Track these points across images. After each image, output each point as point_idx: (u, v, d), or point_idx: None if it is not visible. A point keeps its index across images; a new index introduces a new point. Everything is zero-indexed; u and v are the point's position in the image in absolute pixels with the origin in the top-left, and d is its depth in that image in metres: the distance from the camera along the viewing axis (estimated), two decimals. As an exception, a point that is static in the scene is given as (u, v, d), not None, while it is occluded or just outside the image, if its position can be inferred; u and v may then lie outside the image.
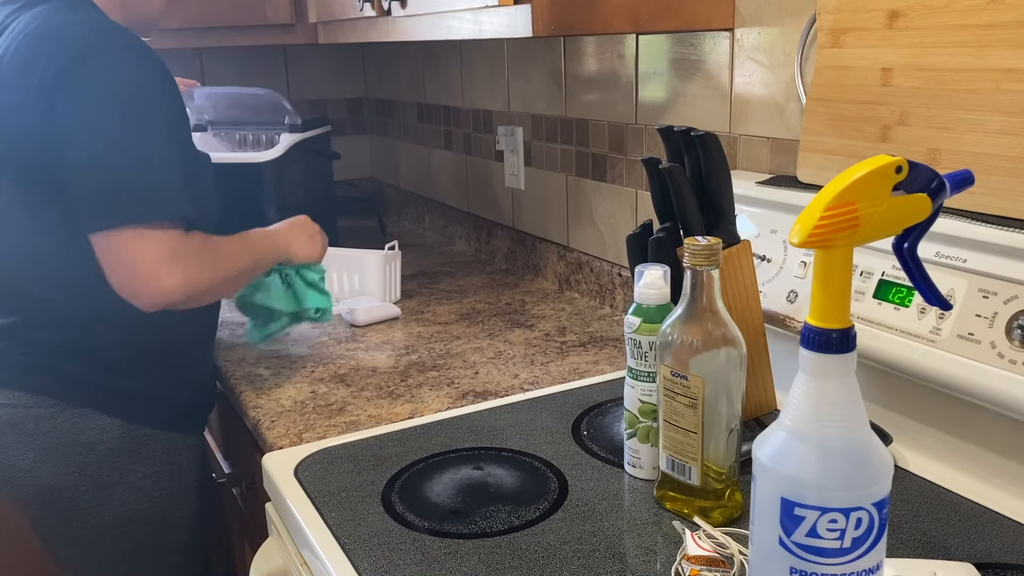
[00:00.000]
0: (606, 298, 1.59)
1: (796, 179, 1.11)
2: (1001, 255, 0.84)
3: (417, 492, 0.92)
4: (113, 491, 1.27)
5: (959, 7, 0.90)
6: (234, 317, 1.62)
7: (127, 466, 1.27)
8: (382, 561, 0.80)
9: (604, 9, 1.13)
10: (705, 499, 0.83)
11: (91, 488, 1.26)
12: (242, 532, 1.54)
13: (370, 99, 2.62)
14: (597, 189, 1.60)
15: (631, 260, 0.96)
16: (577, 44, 1.60)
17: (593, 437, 1.04)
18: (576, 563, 0.79)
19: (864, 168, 0.57)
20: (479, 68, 1.96)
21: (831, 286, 0.56)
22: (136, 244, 1.12)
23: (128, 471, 1.27)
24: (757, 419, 1.00)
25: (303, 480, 0.96)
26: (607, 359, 1.35)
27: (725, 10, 1.23)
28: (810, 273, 1.02)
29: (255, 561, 1.03)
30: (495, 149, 1.93)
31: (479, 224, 2.05)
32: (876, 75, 0.99)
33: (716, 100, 1.30)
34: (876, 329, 0.94)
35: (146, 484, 1.28)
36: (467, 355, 1.38)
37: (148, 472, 1.29)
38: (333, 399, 1.23)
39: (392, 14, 1.39)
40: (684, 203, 0.90)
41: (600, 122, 1.57)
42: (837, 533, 0.56)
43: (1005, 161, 0.88)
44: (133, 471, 1.27)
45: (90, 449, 1.25)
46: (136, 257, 1.12)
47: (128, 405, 1.27)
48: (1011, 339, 0.82)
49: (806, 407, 0.57)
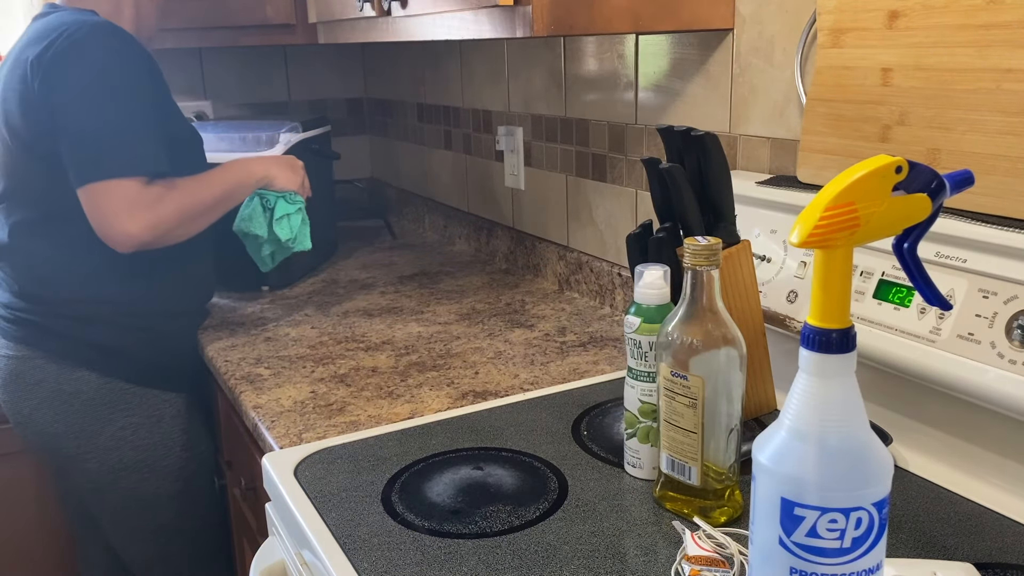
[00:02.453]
0: (606, 298, 1.59)
1: (796, 179, 1.11)
2: (1001, 255, 0.84)
3: (417, 492, 0.92)
4: (97, 439, 1.44)
5: (959, 7, 0.90)
6: (235, 317, 1.62)
7: (107, 416, 1.44)
8: (382, 561, 0.80)
9: (604, 9, 1.13)
10: (705, 499, 0.83)
11: (78, 436, 1.44)
12: (242, 532, 1.54)
13: (370, 99, 2.62)
14: (597, 189, 1.60)
15: (631, 260, 0.96)
16: (577, 44, 1.60)
17: (593, 437, 1.04)
18: (576, 563, 0.79)
19: (864, 168, 0.57)
20: (479, 68, 1.96)
21: (831, 286, 0.56)
22: (103, 195, 1.31)
23: (108, 421, 1.44)
24: (757, 419, 1.00)
25: (303, 480, 0.96)
26: (607, 359, 1.35)
27: (725, 10, 1.23)
28: (810, 273, 1.02)
29: (255, 561, 1.03)
30: (495, 149, 1.93)
31: (479, 224, 2.05)
32: (876, 75, 0.99)
33: (716, 100, 1.30)
34: (876, 329, 0.94)
35: (126, 434, 1.45)
36: (467, 355, 1.38)
37: (127, 423, 1.45)
38: (333, 399, 1.23)
39: (392, 14, 1.39)
40: (684, 203, 0.90)
41: (600, 122, 1.57)
42: (837, 533, 0.56)
43: (1005, 161, 0.88)
44: (113, 421, 1.44)
45: (74, 398, 1.43)
46: (104, 206, 1.31)
47: (104, 360, 1.44)
48: (1011, 339, 0.82)
49: (806, 407, 0.57)
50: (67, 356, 1.43)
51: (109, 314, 1.44)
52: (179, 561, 1.58)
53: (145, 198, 1.32)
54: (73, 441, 1.44)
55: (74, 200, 1.35)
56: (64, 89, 1.30)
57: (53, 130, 1.32)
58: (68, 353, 1.43)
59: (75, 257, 1.41)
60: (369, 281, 1.86)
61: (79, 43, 1.31)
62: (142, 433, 1.47)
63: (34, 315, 1.44)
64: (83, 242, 1.38)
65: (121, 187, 1.31)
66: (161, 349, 1.50)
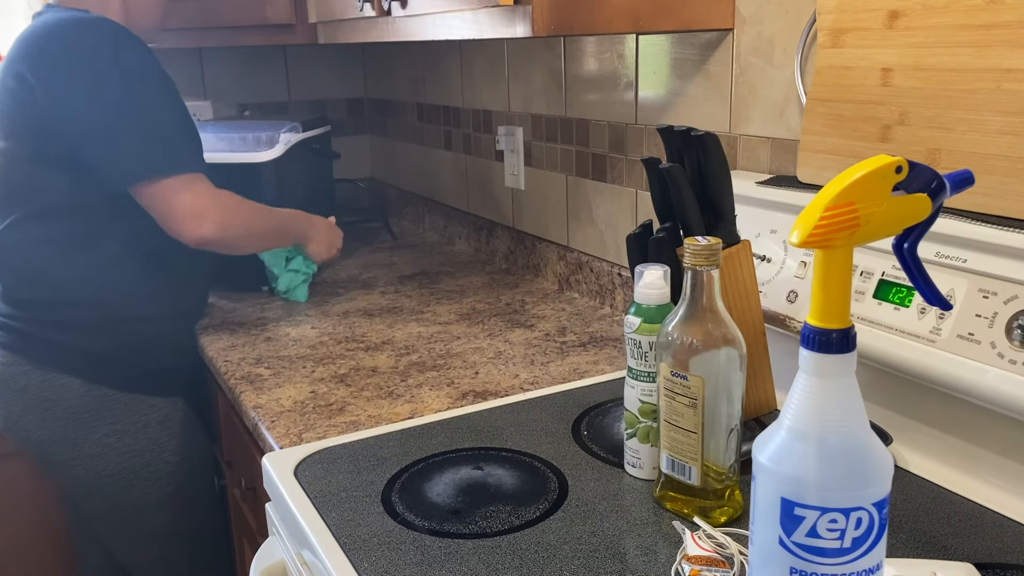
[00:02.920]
0: (606, 298, 1.60)
1: (796, 179, 1.11)
2: (1001, 255, 0.84)
3: (417, 492, 0.92)
4: (82, 446, 1.42)
5: (959, 7, 0.90)
6: (235, 317, 1.62)
7: (90, 423, 1.42)
8: (382, 561, 0.80)
9: (604, 9, 1.13)
10: (705, 499, 0.83)
11: (63, 443, 1.42)
12: (242, 532, 1.54)
13: (370, 99, 2.62)
14: (597, 189, 1.60)
15: (631, 260, 0.96)
16: (577, 44, 1.60)
17: (593, 437, 1.04)
18: (576, 563, 0.79)
19: (864, 168, 0.57)
20: (479, 68, 1.96)
21: (831, 286, 0.56)
22: (181, 190, 1.35)
23: (92, 428, 1.42)
24: (757, 419, 1.00)
25: (303, 480, 0.96)
26: (607, 359, 1.35)
27: (725, 10, 1.23)
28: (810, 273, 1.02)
29: (255, 561, 1.03)
30: (495, 149, 1.93)
31: (479, 224, 2.05)
32: (876, 75, 0.99)
33: (716, 100, 1.30)
34: (876, 329, 0.94)
35: (111, 441, 1.43)
36: (467, 355, 1.38)
37: (111, 430, 1.43)
38: (333, 399, 1.23)
39: (392, 14, 1.39)
40: (684, 203, 0.90)
41: (600, 122, 1.57)
42: (837, 533, 0.56)
43: (1005, 161, 0.88)
44: (96, 428, 1.43)
45: (56, 405, 1.41)
46: (183, 200, 1.35)
47: (88, 367, 1.42)
48: (1011, 339, 0.82)
49: (806, 407, 0.57)
50: (51, 363, 1.42)
51: (94, 319, 1.42)
52: (178, 562, 1.57)
53: (220, 200, 1.39)
54: (58, 448, 1.43)
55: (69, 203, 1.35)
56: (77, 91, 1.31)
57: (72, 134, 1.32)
58: (52, 360, 1.42)
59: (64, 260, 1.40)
60: (369, 281, 1.86)
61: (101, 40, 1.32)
62: (127, 440, 1.44)
63: (19, 321, 1.43)
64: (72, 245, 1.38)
65: (195, 183, 1.36)
66: (147, 355, 1.47)
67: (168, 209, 1.35)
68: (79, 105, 1.31)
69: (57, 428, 1.42)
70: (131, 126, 1.33)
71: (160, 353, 1.49)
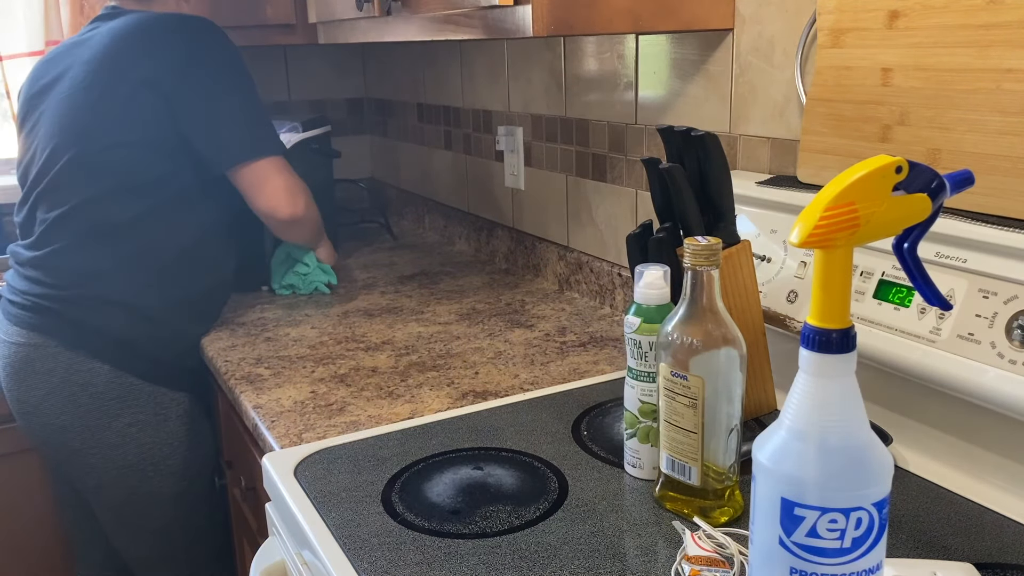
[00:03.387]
0: (606, 298, 1.60)
1: (796, 179, 1.11)
2: (1001, 255, 0.84)
3: (417, 492, 0.92)
4: (104, 434, 1.44)
5: (959, 7, 0.90)
6: (235, 317, 1.62)
7: (115, 411, 1.44)
8: (382, 561, 0.80)
9: (604, 9, 1.13)
10: (705, 499, 0.83)
11: (85, 430, 1.43)
12: (242, 532, 1.54)
13: (370, 99, 2.62)
14: (597, 189, 1.60)
15: (631, 260, 0.96)
16: (577, 44, 1.60)
17: (593, 437, 1.04)
18: (576, 563, 0.79)
19: (864, 168, 0.57)
20: (479, 68, 1.96)
21: (831, 286, 0.56)
22: (276, 171, 1.48)
23: (116, 415, 1.44)
24: (757, 419, 1.00)
25: (303, 480, 0.96)
26: (607, 359, 1.35)
27: (725, 10, 1.23)
28: (810, 273, 1.02)
29: (255, 561, 1.03)
30: (495, 149, 1.93)
31: (479, 224, 2.05)
32: (876, 75, 0.99)
33: (716, 100, 1.30)
34: (876, 329, 0.94)
35: (132, 431, 1.45)
36: (467, 355, 1.38)
37: (134, 420, 1.45)
38: (333, 399, 1.23)
39: (392, 14, 1.39)
40: (684, 203, 0.90)
41: (600, 122, 1.57)
42: (837, 533, 0.56)
43: (1005, 161, 0.88)
44: (120, 416, 1.44)
45: (83, 390, 1.42)
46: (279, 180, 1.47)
47: (116, 354, 1.44)
48: (1011, 339, 0.82)
49: (806, 407, 0.57)
50: (81, 346, 1.43)
51: (134, 307, 1.44)
52: (181, 561, 1.58)
53: (303, 182, 1.52)
54: (78, 435, 1.44)
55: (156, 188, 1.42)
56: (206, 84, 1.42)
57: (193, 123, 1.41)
58: (82, 343, 1.43)
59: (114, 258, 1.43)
60: (369, 281, 1.86)
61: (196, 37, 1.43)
62: (148, 431, 1.46)
63: (53, 302, 1.43)
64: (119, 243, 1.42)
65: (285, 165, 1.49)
66: (174, 349, 1.50)
67: (264, 187, 1.46)
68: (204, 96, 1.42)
69: (80, 413, 1.43)
70: (236, 112, 1.44)
71: (187, 350, 1.52)
